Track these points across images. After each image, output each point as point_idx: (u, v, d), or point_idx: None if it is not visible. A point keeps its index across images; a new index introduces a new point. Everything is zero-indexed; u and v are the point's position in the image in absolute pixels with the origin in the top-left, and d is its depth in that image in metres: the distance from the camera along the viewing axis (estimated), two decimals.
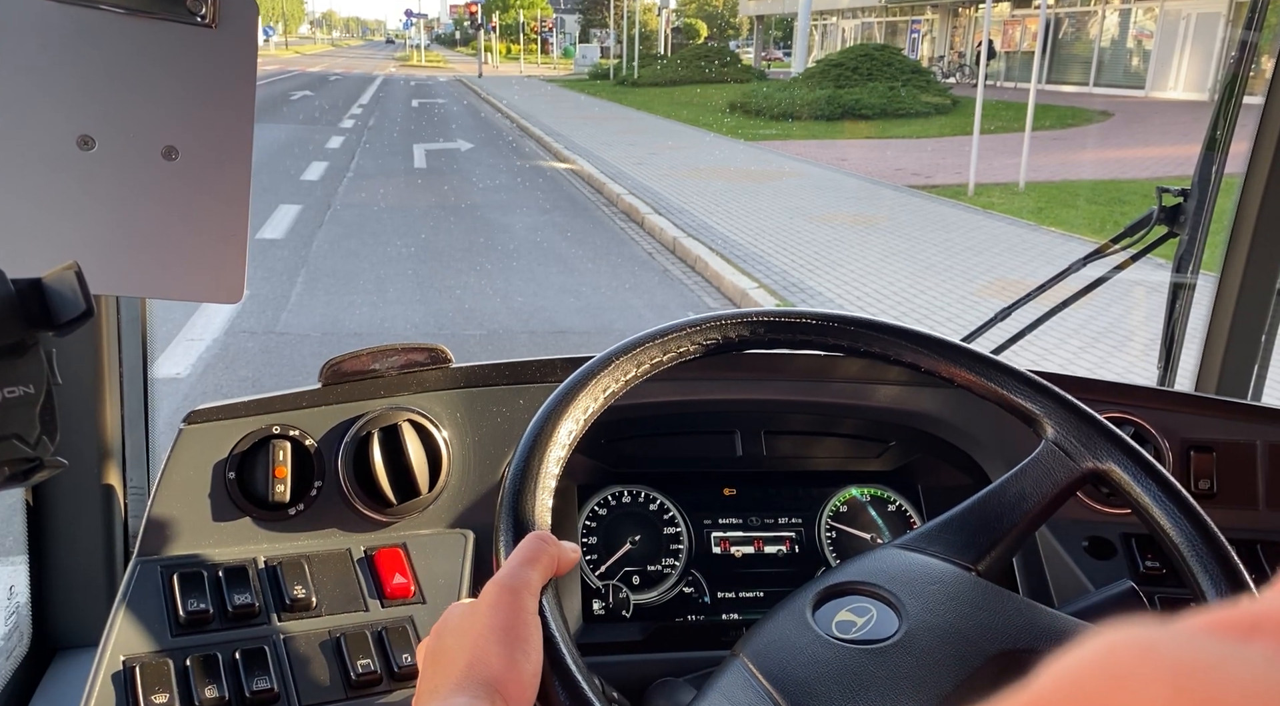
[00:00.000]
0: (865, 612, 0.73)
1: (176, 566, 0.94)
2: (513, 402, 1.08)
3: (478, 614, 0.61)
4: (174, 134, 0.73)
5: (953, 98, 18.95)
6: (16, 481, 0.50)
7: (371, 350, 1.05)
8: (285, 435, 1.00)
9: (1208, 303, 1.56)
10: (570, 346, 4.98)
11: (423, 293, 6.02)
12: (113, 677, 0.85)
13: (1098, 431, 0.79)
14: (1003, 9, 26.84)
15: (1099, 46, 24.50)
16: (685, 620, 1.09)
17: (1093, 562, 1.10)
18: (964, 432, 1.16)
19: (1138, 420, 1.16)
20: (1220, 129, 1.46)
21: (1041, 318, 1.43)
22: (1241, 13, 1.53)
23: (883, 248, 7.59)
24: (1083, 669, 0.19)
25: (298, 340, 4.98)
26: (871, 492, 1.18)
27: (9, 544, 1.23)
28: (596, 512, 1.11)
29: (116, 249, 0.73)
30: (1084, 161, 12.38)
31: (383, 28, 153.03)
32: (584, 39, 49.73)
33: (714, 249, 7.20)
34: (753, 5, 39.45)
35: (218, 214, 0.75)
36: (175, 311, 5.01)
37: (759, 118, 17.73)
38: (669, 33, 45.41)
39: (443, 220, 8.25)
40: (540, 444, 0.74)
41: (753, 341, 0.86)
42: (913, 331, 0.86)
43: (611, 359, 0.81)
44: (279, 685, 0.87)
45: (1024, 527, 0.79)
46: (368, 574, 0.97)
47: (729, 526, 1.13)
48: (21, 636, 1.17)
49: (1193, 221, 1.47)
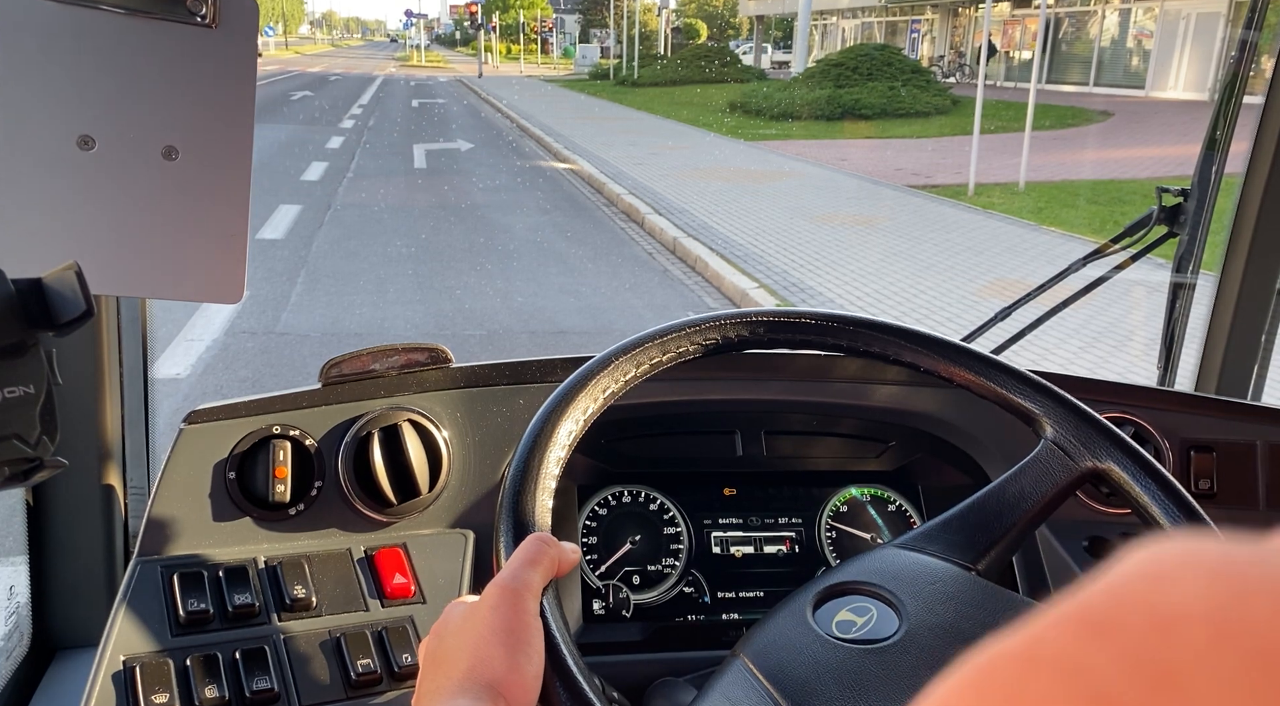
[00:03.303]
0: (865, 612, 0.73)
1: (177, 566, 0.94)
2: (513, 402, 1.08)
3: (479, 615, 0.61)
4: (174, 134, 0.73)
5: (953, 98, 18.94)
6: (16, 481, 0.50)
7: (372, 350, 1.05)
8: (285, 435, 1.00)
9: (1208, 302, 1.56)
10: (570, 346, 4.98)
11: (423, 293, 6.02)
12: (113, 677, 0.85)
13: (1097, 431, 0.79)
14: (1003, 9, 26.84)
15: (1099, 46, 24.50)
16: (685, 620, 1.09)
17: (1093, 562, 1.10)
18: (964, 432, 1.16)
19: (1138, 420, 1.16)
20: (1220, 129, 1.46)
21: (1041, 317, 1.43)
22: (1241, 12, 1.53)
23: (883, 248, 7.59)
24: (1125, 573, 0.20)
25: (298, 340, 4.98)
26: (871, 492, 1.18)
27: (9, 544, 1.23)
28: (596, 513, 1.12)
29: (116, 249, 0.73)
30: (1084, 161, 12.38)
31: (383, 28, 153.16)
32: (584, 39, 49.73)
33: (714, 249, 7.20)
34: (753, 5, 39.46)
35: (218, 214, 0.75)
36: (175, 311, 5.01)
37: (759, 118, 17.74)
38: (669, 33, 45.43)
39: (443, 220, 8.25)
40: (540, 444, 0.74)
41: (752, 341, 0.86)
42: (912, 331, 0.86)
43: (611, 359, 0.81)
44: (279, 685, 0.87)
45: (1023, 527, 0.79)
46: (368, 574, 0.97)
47: (729, 526, 1.13)
48: (21, 636, 1.17)
49: (1193, 221, 1.47)
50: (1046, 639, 0.20)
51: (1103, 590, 0.20)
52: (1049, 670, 0.19)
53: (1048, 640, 0.20)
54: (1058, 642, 0.19)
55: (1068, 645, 0.19)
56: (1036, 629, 0.20)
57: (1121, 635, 0.18)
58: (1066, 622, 0.20)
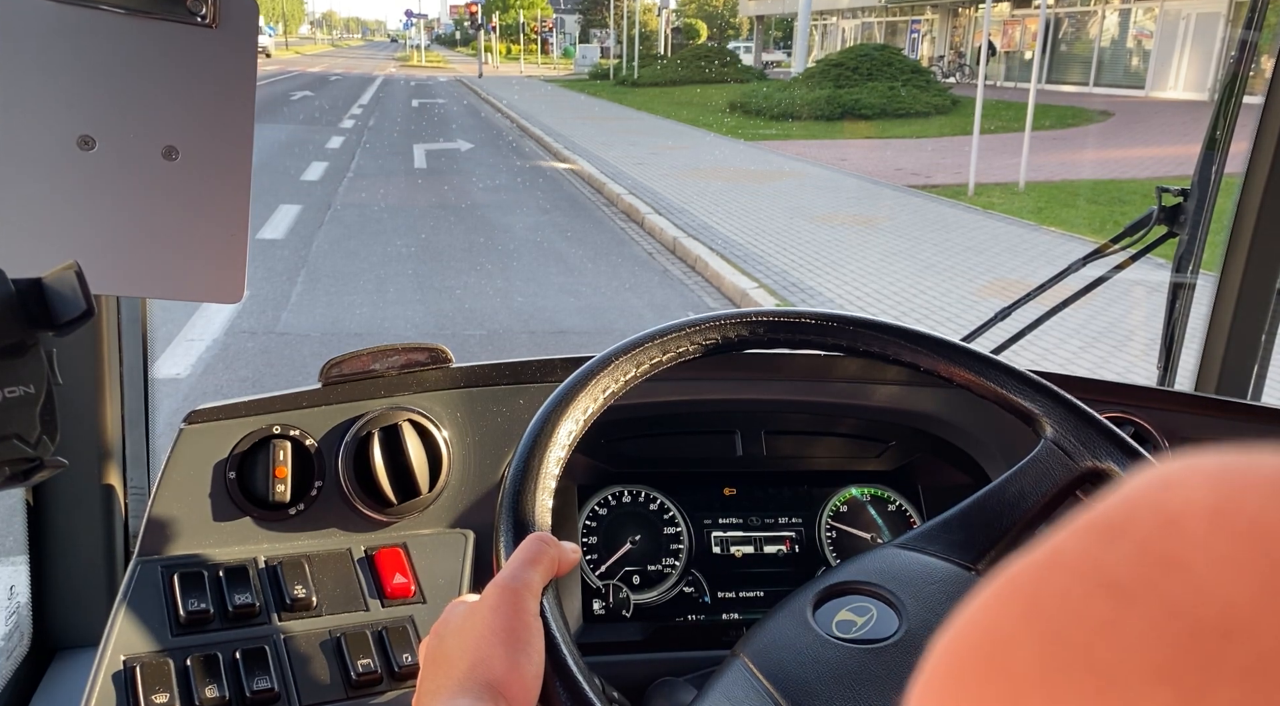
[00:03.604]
0: (865, 612, 0.73)
1: (177, 566, 0.94)
2: (513, 402, 1.08)
3: (479, 615, 0.61)
4: (174, 134, 0.73)
5: (953, 98, 18.93)
6: (16, 481, 0.50)
7: (372, 350, 1.05)
8: (285, 435, 1.00)
9: (1208, 302, 1.56)
10: (570, 346, 4.98)
11: (423, 292, 6.02)
12: (113, 677, 0.85)
13: (1097, 431, 0.79)
14: (1003, 9, 26.84)
15: (1099, 46, 24.50)
16: (685, 620, 1.09)
17: None
18: (964, 432, 1.16)
19: (1138, 420, 1.16)
20: (1220, 129, 1.46)
21: (1041, 317, 1.43)
22: (1241, 12, 1.53)
23: (883, 248, 7.59)
24: (1136, 483, 0.22)
25: (298, 340, 4.98)
26: (871, 492, 1.18)
27: (9, 544, 1.23)
28: (596, 512, 1.12)
29: (116, 249, 0.73)
30: (1084, 161, 12.38)
31: (383, 28, 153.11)
32: (584, 39, 49.71)
33: (714, 249, 7.19)
34: (753, 5, 39.45)
35: (218, 214, 0.75)
36: (175, 311, 5.01)
37: (759, 118, 17.73)
38: (669, 33, 45.41)
39: (443, 220, 8.25)
40: (540, 444, 0.74)
41: (752, 341, 0.86)
42: (912, 331, 0.86)
43: (611, 359, 0.81)
44: (279, 685, 0.87)
45: (1023, 527, 0.79)
46: (368, 573, 0.97)
47: (729, 526, 1.13)
48: (21, 636, 1.17)
49: (1193, 221, 1.47)
50: (1065, 545, 0.22)
51: (1116, 498, 0.22)
52: (1067, 570, 0.21)
53: (1066, 546, 0.22)
54: (1075, 546, 0.21)
55: (1084, 547, 0.21)
56: (1056, 538, 0.22)
57: (1133, 533, 0.20)
58: (1083, 529, 0.22)
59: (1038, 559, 0.22)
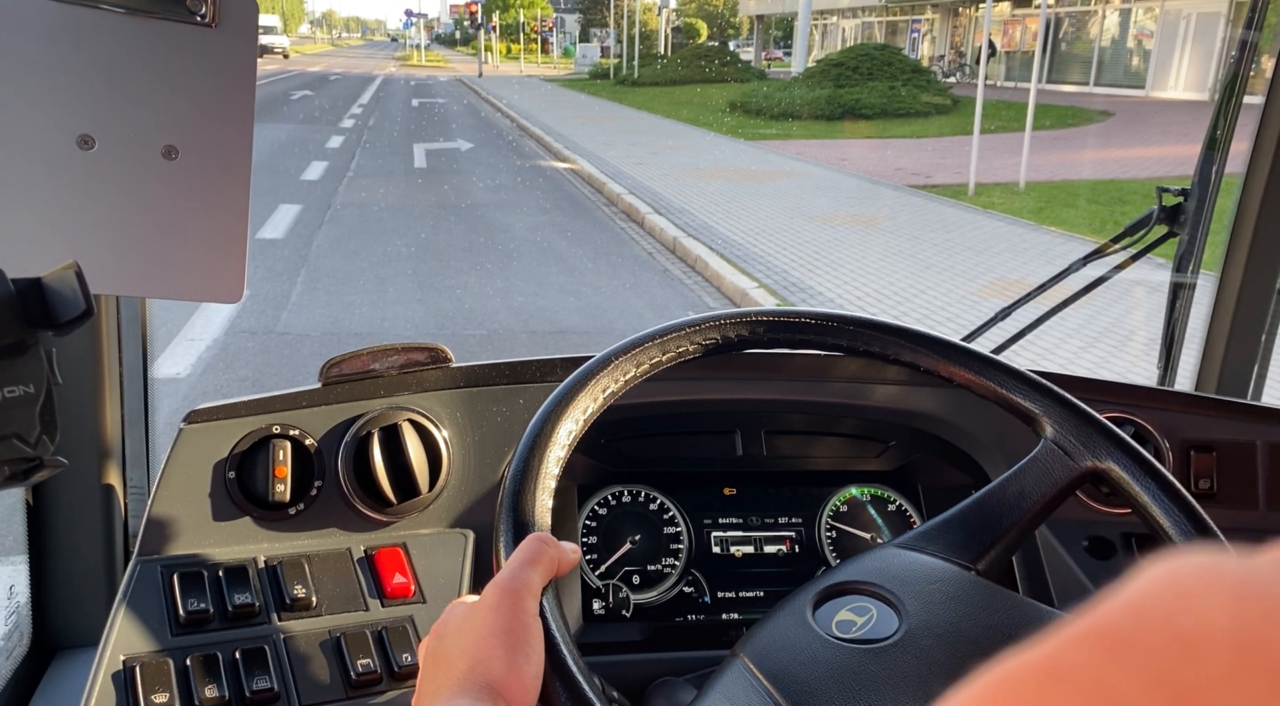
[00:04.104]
0: (865, 612, 0.73)
1: (176, 566, 0.94)
2: (513, 402, 1.08)
3: (479, 616, 0.61)
4: (174, 134, 0.73)
5: (953, 97, 18.93)
6: (16, 481, 0.50)
7: (371, 350, 1.05)
8: (285, 435, 1.00)
9: (1208, 302, 1.56)
10: (570, 346, 4.98)
11: (423, 292, 6.02)
12: (113, 677, 0.85)
13: (1097, 430, 0.79)
14: (1003, 9, 26.84)
15: (1099, 46, 24.49)
16: (685, 620, 1.09)
17: (1093, 562, 1.10)
18: (964, 432, 1.16)
19: (1138, 420, 1.16)
20: (1220, 129, 1.46)
21: (1041, 317, 1.43)
22: (1241, 12, 1.53)
23: (883, 247, 7.59)
24: (1146, 589, 0.20)
25: (298, 340, 4.98)
26: (871, 492, 1.18)
27: (9, 544, 1.23)
28: (596, 512, 1.12)
29: (116, 249, 0.73)
30: (1084, 161, 12.37)
31: (383, 27, 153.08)
32: (584, 39, 49.70)
33: (714, 249, 7.19)
34: (753, 5, 39.44)
35: (218, 214, 0.75)
36: (175, 311, 5.01)
37: (759, 117, 17.73)
38: (669, 32, 45.40)
39: (443, 220, 8.25)
40: (540, 444, 0.74)
41: (752, 341, 0.86)
42: (912, 331, 0.86)
43: (611, 359, 0.81)
44: (279, 685, 0.87)
45: (1023, 527, 0.79)
46: (368, 573, 0.97)
47: (729, 526, 1.13)
48: (21, 636, 1.17)
49: (1193, 221, 1.47)
50: (1067, 655, 0.20)
51: (1123, 607, 0.20)
52: (1070, 687, 0.19)
53: (1068, 656, 0.20)
54: (1079, 659, 0.19)
55: (1089, 662, 0.19)
56: (1056, 644, 0.20)
57: (1143, 654, 0.18)
58: (1087, 639, 0.20)
59: (1037, 665, 0.20)
